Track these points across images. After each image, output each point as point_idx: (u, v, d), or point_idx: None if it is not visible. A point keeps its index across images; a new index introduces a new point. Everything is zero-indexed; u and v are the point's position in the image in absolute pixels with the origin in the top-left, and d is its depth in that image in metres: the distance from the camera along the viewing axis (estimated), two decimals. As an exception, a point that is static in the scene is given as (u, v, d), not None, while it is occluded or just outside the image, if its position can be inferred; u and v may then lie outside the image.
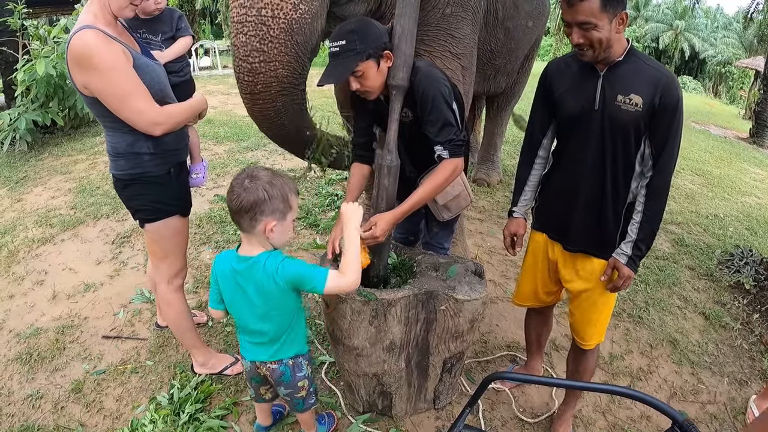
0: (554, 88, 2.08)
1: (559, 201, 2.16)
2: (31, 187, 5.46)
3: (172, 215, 2.33)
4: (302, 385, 1.99)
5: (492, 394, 2.75)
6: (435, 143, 2.11)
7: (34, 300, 3.43)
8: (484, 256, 4.17)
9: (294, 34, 2.09)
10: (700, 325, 3.60)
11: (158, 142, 2.17)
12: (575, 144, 2.05)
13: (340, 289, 1.74)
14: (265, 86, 2.14)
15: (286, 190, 1.70)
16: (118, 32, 2.07)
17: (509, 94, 5.33)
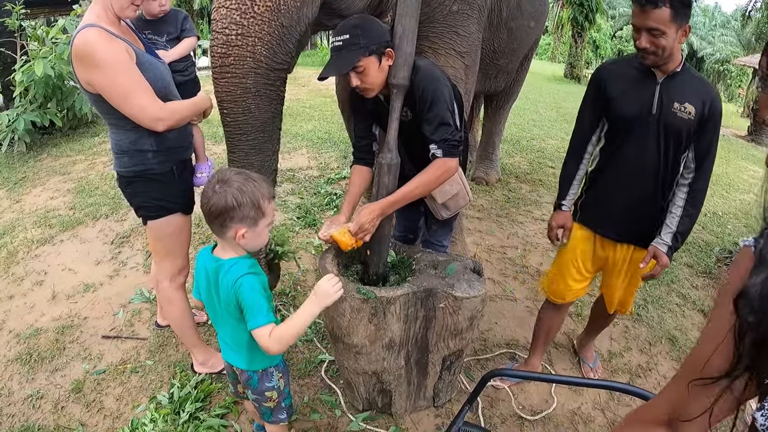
0: (609, 90, 2.20)
1: (616, 198, 2.29)
2: (30, 187, 5.46)
3: (174, 213, 2.35)
4: (270, 396, 1.90)
5: (491, 391, 2.75)
6: (430, 141, 2.12)
7: (34, 300, 3.43)
8: (483, 255, 4.18)
9: (280, 15, 2.02)
10: (699, 323, 3.60)
11: (161, 139, 2.19)
12: (633, 145, 2.19)
13: (260, 343, 1.62)
14: (237, 59, 2.01)
15: (258, 196, 1.59)
16: (122, 31, 2.10)
17: (508, 93, 5.35)
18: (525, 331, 3.29)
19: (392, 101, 2.14)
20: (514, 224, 4.86)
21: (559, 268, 2.57)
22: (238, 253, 1.70)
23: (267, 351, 1.62)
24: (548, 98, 13.66)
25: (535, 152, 7.47)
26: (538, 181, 6.15)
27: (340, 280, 1.78)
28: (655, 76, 2.12)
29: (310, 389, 2.69)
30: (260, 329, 1.60)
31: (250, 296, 1.60)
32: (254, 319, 1.60)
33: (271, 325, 1.61)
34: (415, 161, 2.33)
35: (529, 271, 4.03)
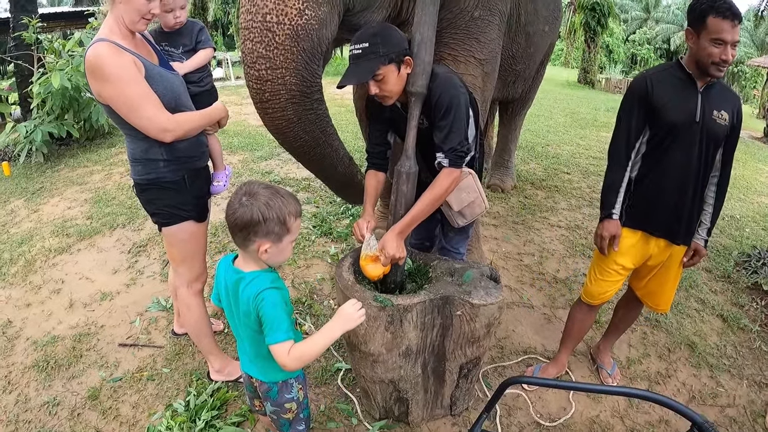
0: (656, 97, 2.27)
1: (667, 201, 2.37)
2: (48, 197, 5.53)
3: (186, 220, 2.38)
4: (289, 407, 1.88)
5: (509, 399, 2.72)
6: (438, 149, 2.13)
7: (51, 308, 3.46)
8: (500, 262, 4.15)
9: (300, 41, 2.05)
10: (718, 328, 3.55)
11: (171, 149, 2.22)
12: (680, 150, 2.29)
13: (276, 359, 1.60)
14: (273, 94, 2.10)
15: (285, 213, 1.57)
16: (134, 44, 2.13)
17: (524, 99, 5.33)
18: (542, 338, 3.25)
19: (410, 109, 2.14)
20: (531, 231, 4.83)
21: (601, 271, 2.61)
22: (259, 266, 1.68)
23: (284, 367, 1.60)
24: (562, 104, 13.60)
25: (550, 158, 7.43)
26: (554, 188, 6.11)
27: (364, 305, 1.76)
28: (696, 86, 2.25)
29: (326, 398, 2.68)
30: (279, 345, 1.58)
31: (272, 311, 1.58)
32: (273, 334, 1.58)
33: (290, 342, 1.59)
34: (432, 168, 2.32)
35: (546, 278, 3.99)
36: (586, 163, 7.35)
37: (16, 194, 5.76)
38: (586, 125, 10.49)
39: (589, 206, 5.57)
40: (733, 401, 2.88)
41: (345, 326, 1.67)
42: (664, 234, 2.44)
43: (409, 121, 2.15)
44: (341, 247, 4.25)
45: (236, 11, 22.21)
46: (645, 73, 2.39)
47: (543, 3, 3.98)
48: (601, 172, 6.89)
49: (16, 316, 3.39)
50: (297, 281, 3.73)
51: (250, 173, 6.02)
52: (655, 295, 2.66)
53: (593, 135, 9.52)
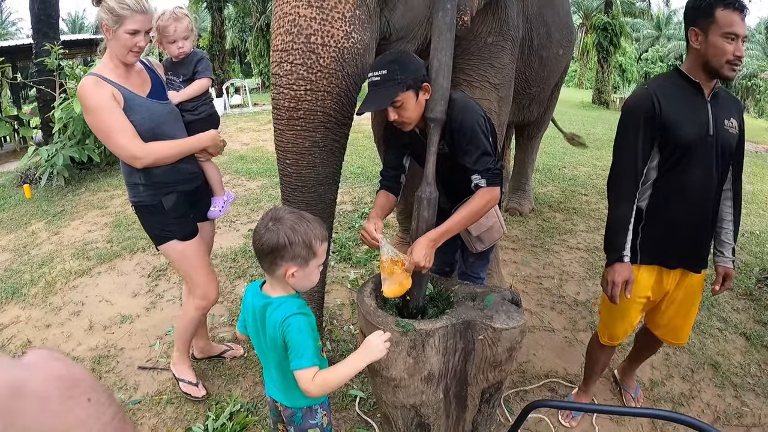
0: (666, 114, 2.04)
1: (685, 226, 2.16)
2: (69, 220, 5.60)
3: (169, 240, 2.52)
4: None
5: (531, 423, 2.69)
6: (472, 172, 2.11)
7: (71, 330, 3.49)
8: (519, 286, 4.12)
9: (345, 65, 2.02)
10: (742, 347, 3.49)
11: (147, 174, 2.39)
12: (696, 169, 2.08)
13: (300, 385, 1.59)
14: (307, 113, 2.04)
15: (311, 237, 1.59)
16: (126, 76, 2.32)
17: (540, 122, 5.33)
18: (564, 361, 3.21)
19: (429, 135, 2.13)
20: (550, 254, 4.80)
21: (620, 314, 2.40)
22: (287, 292, 1.69)
23: (306, 393, 1.60)
24: (578, 125, 13.58)
25: (567, 180, 7.41)
26: (572, 210, 6.08)
27: (386, 330, 1.76)
28: (703, 95, 2.07)
29: (347, 423, 2.66)
30: (303, 371, 1.57)
31: (298, 337, 1.59)
32: (298, 360, 1.58)
33: (314, 369, 1.58)
34: (451, 195, 2.32)
35: (566, 300, 3.95)
36: (604, 184, 7.18)
37: (37, 217, 5.85)
38: (602, 146, 10.45)
39: (607, 227, 5.51)
40: (758, 421, 2.82)
41: (370, 357, 1.66)
42: (685, 265, 2.26)
43: (428, 147, 2.14)
44: (361, 273, 4.24)
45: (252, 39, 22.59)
46: (646, 88, 2.15)
47: (556, 26, 4.00)
48: (619, 192, 6.84)
49: (36, 337, 3.42)
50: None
51: (269, 199, 6.07)
52: (676, 331, 2.46)
53: (609, 156, 9.37)
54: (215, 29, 17.21)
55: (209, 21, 18.42)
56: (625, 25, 22.86)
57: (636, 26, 43.64)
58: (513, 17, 3.02)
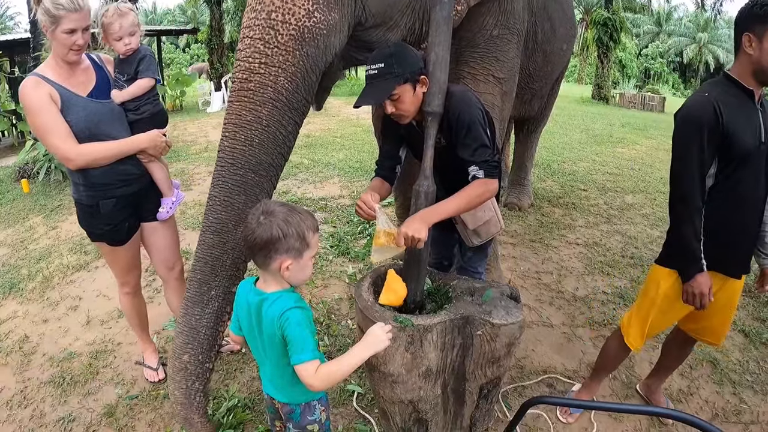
0: (727, 121, 2.00)
1: (740, 234, 2.18)
2: (66, 215, 5.59)
3: (99, 241, 2.61)
4: (312, 429, 1.87)
5: (529, 419, 2.68)
6: (470, 164, 2.09)
7: (68, 325, 3.48)
8: (518, 281, 4.12)
9: (305, 44, 1.97)
10: (740, 343, 3.49)
11: (85, 175, 2.41)
12: (750, 178, 2.08)
13: (302, 379, 1.59)
14: (258, 85, 1.96)
15: (303, 228, 1.58)
16: (68, 74, 2.34)
17: (540, 117, 5.32)
18: (562, 357, 3.21)
19: (427, 128, 2.12)
20: (549, 249, 4.80)
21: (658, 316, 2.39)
22: (282, 286, 1.67)
23: (310, 388, 1.59)
24: (577, 120, 13.59)
25: (566, 176, 7.40)
26: (571, 205, 6.08)
27: (392, 328, 1.75)
28: (754, 101, 2.05)
29: (344, 418, 2.65)
30: (305, 365, 1.56)
31: (297, 331, 1.57)
32: (299, 354, 1.57)
33: (316, 362, 1.57)
34: (448, 188, 2.30)
35: (564, 296, 3.95)
36: (603, 180, 7.32)
37: (35, 211, 5.83)
38: (602, 141, 10.45)
39: (606, 223, 5.53)
40: (757, 418, 2.82)
41: (373, 348, 1.66)
42: (731, 272, 2.25)
43: (426, 141, 2.13)
44: (359, 267, 4.23)
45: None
46: (707, 95, 2.07)
47: (560, 21, 3.98)
48: (617, 188, 6.86)
49: (33, 332, 3.41)
50: (315, 301, 3.72)
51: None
52: (715, 332, 2.44)
53: (609, 151, 9.48)
54: (214, 23, 17.08)
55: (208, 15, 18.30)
56: (626, 21, 22.83)
57: (636, 22, 43.61)
58: (519, 10, 2.99)
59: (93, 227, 2.56)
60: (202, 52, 38.27)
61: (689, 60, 44.02)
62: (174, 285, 2.92)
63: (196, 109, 14.47)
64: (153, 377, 2.91)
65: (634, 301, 3.82)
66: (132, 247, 2.71)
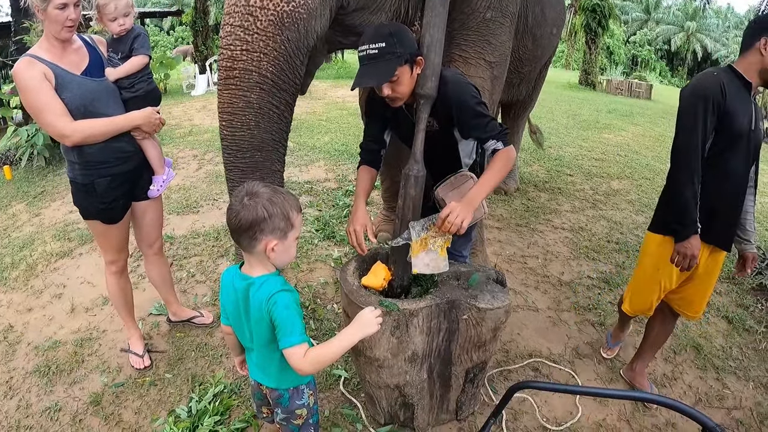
0: (729, 100, 2.22)
1: (726, 209, 2.39)
2: (49, 201, 5.52)
3: (92, 219, 2.63)
4: (300, 413, 1.88)
5: (515, 403, 2.71)
6: (485, 140, 2.12)
7: (53, 313, 3.45)
8: (504, 265, 4.13)
9: (284, 29, 1.98)
10: (724, 330, 3.53)
11: (81, 153, 2.43)
12: (739, 158, 2.31)
13: (291, 363, 1.59)
14: (242, 72, 1.99)
15: (288, 208, 1.59)
16: (61, 54, 2.35)
17: (527, 101, 5.31)
18: (548, 341, 3.23)
19: (419, 112, 2.11)
20: (534, 233, 4.81)
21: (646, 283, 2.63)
22: (268, 270, 1.67)
23: (299, 371, 1.59)
24: (564, 106, 13.59)
25: (552, 160, 7.42)
26: (557, 190, 6.10)
27: (382, 313, 1.76)
28: (750, 95, 2.28)
29: (331, 403, 2.66)
30: (294, 348, 1.57)
31: (285, 314, 1.57)
32: (288, 337, 1.57)
33: (305, 345, 1.58)
34: (435, 173, 2.30)
35: (550, 280, 3.97)
36: (589, 165, 7.34)
37: (18, 198, 5.76)
38: (588, 127, 10.47)
39: (592, 208, 5.57)
40: (739, 403, 2.87)
41: (363, 332, 1.67)
42: (719, 243, 2.44)
43: (417, 124, 2.12)
44: (344, 251, 4.23)
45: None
46: (714, 74, 2.31)
47: (550, 5, 3.96)
48: (603, 174, 6.89)
49: (18, 321, 3.37)
50: (300, 285, 3.71)
51: (252, 177, 6.01)
52: (693, 304, 2.65)
53: (595, 137, 9.51)
54: (198, 4, 16.78)
55: (193, -4, 18.02)
56: (614, 7, 22.79)
57: (625, 9, 43.69)
58: None
59: (88, 205, 2.57)
60: (186, 35, 37.82)
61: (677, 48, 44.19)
62: (153, 259, 3.03)
63: (180, 92, 14.26)
64: (139, 364, 2.90)
65: (619, 285, 3.89)
66: (124, 225, 2.73)
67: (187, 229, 4.68)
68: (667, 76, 45.38)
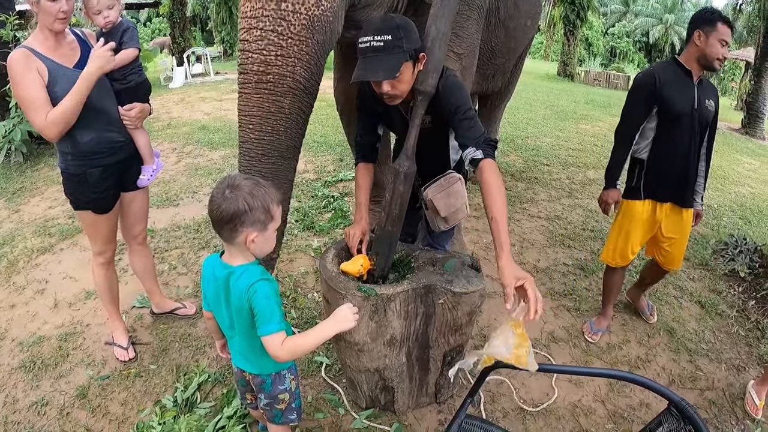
0: (664, 88, 2.73)
1: (676, 173, 2.86)
2: (29, 197, 5.48)
3: (84, 210, 2.67)
4: (282, 398, 1.92)
5: (492, 385, 2.78)
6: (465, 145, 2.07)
7: (36, 309, 3.45)
8: (481, 253, 4.21)
9: (315, 33, 1.97)
10: (697, 314, 3.64)
11: (74, 143, 2.48)
12: (683, 133, 2.78)
13: (269, 350, 1.64)
14: (277, 77, 1.97)
15: (268, 200, 1.61)
16: (55, 46, 2.39)
17: (504, 92, 5.36)
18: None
19: (415, 108, 2.09)
20: (511, 222, 4.89)
21: (623, 237, 3.08)
22: (247, 260, 1.70)
23: (276, 358, 1.65)
24: (542, 96, 13.69)
25: (529, 151, 7.51)
26: (534, 179, 6.19)
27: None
28: (692, 80, 2.76)
29: (313, 389, 2.72)
30: (272, 336, 1.62)
31: (264, 303, 1.62)
32: (266, 325, 1.62)
33: (282, 334, 1.63)
34: (424, 170, 2.29)
35: (526, 267, 4.06)
36: (566, 155, 7.45)
37: (-4, 195, 5.70)
38: (566, 117, 10.58)
39: (568, 197, 5.67)
40: (712, 384, 2.96)
41: (340, 327, 1.74)
42: (674, 200, 2.93)
43: (412, 120, 2.10)
44: (324, 241, 4.28)
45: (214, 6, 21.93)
46: (652, 69, 2.88)
47: None
48: (579, 163, 7.00)
49: (1, 318, 3.37)
50: (281, 275, 3.76)
51: (232, 169, 6.03)
52: (674, 259, 3.12)
53: (572, 127, 9.62)
54: (176, -4, 16.67)
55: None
56: (593, -1, 22.95)
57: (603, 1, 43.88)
58: None
59: (80, 195, 2.61)
60: (163, 27, 37.34)
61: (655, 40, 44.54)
62: (137, 249, 3.09)
63: (157, 84, 14.06)
64: (123, 356, 2.93)
65: (593, 272, 3.99)
66: (113, 215, 2.78)
67: (168, 222, 4.70)
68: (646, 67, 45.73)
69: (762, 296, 3.83)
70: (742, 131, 12.58)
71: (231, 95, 11.15)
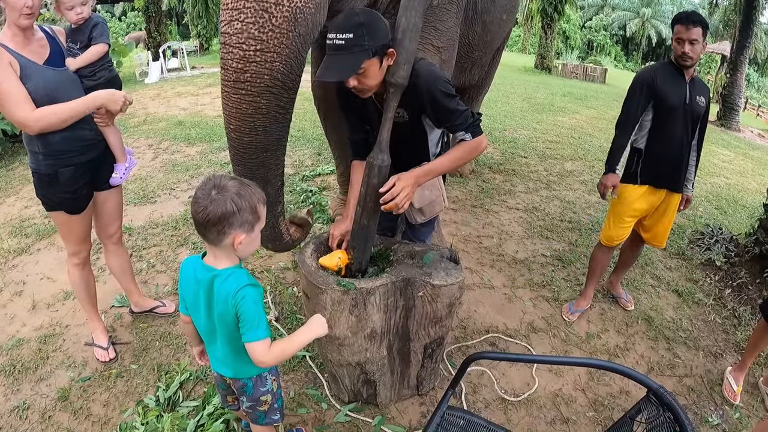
0: (659, 84, 2.98)
1: (667, 161, 3.09)
2: (3, 197, 5.40)
3: (57, 210, 2.63)
4: (265, 400, 1.91)
5: (474, 376, 2.82)
6: (455, 129, 2.12)
7: (14, 311, 3.40)
8: (460, 245, 4.25)
9: (297, 25, 1.91)
10: (674, 302, 3.71)
11: (46, 142, 2.44)
12: (676, 125, 3.02)
13: (255, 356, 1.63)
14: (254, 75, 1.92)
15: (255, 200, 1.58)
16: (24, 42, 2.36)
17: (481, 85, 5.38)
18: (504, 317, 3.36)
19: (388, 100, 2.08)
20: (489, 214, 4.93)
21: (617, 219, 3.26)
22: (232, 262, 1.67)
23: (261, 364, 1.65)
24: (519, 89, 13.78)
25: (507, 143, 7.56)
26: (511, 171, 6.24)
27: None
28: (684, 78, 2.99)
29: (296, 384, 2.73)
30: (259, 343, 1.61)
31: (252, 309, 1.60)
32: (254, 332, 1.60)
33: (268, 340, 1.63)
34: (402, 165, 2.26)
35: (505, 259, 4.10)
36: (543, 147, 7.51)
37: (-30, 196, 5.61)
38: (543, 110, 10.67)
39: (546, 189, 5.72)
40: (690, 371, 3.03)
41: (316, 332, 1.85)
42: (667, 185, 3.14)
43: (385, 113, 2.09)
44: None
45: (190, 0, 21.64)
46: (650, 67, 3.16)
47: None
48: (556, 155, 7.07)
49: (-22, 320, 3.32)
50: (259, 270, 3.76)
51: (209, 165, 6.00)
52: (658, 235, 3.34)
53: (550, 120, 9.70)
54: (153, -12, 16.41)
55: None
56: (570, -8, 23.12)
57: (581, -6, 44.20)
58: None
59: (52, 196, 2.58)
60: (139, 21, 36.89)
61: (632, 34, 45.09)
62: (113, 249, 3.05)
63: (133, 80, 13.87)
64: (104, 357, 2.91)
65: (571, 263, 4.05)
66: (87, 215, 2.74)
67: (145, 219, 4.66)
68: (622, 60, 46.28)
69: (738, 285, 3.91)
70: (718, 123, 12.80)
71: (207, 90, 11.09)
